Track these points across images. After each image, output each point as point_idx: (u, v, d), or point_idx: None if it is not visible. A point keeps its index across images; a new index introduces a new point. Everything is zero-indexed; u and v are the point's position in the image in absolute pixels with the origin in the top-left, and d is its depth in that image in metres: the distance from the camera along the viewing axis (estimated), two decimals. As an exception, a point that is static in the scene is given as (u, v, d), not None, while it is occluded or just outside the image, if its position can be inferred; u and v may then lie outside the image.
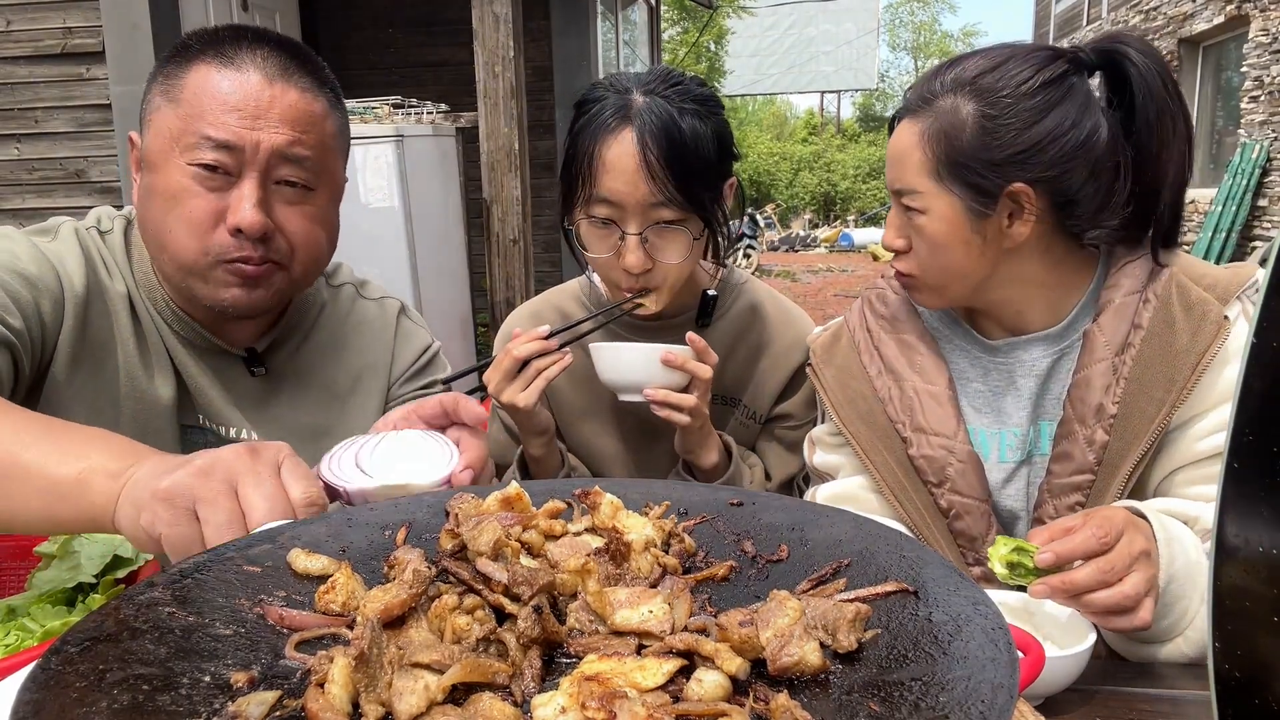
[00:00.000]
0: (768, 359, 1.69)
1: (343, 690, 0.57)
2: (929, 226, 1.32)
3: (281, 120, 1.26)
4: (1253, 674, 0.64)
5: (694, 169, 1.45)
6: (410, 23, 7.76)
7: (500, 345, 1.71)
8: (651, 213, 1.46)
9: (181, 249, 1.26)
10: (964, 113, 1.28)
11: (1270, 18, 10.27)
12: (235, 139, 1.23)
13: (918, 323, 1.48)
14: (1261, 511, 0.62)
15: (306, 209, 1.32)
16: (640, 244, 1.47)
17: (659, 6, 12.65)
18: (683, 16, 28.42)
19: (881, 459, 1.43)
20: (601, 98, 1.50)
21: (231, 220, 1.24)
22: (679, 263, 1.50)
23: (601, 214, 1.48)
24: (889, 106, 42.86)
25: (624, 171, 1.44)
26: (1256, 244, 10.31)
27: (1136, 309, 1.32)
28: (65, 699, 0.54)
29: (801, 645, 0.59)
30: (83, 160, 5.22)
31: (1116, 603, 1.05)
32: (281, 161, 1.26)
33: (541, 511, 0.83)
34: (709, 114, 1.50)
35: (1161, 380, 1.27)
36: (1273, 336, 0.60)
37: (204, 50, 1.27)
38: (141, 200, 1.30)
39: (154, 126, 1.27)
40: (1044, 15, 20.47)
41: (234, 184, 1.25)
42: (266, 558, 0.76)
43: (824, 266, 17.20)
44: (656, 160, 1.42)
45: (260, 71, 1.26)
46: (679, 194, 1.44)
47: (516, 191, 4.82)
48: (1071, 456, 1.32)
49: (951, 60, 1.36)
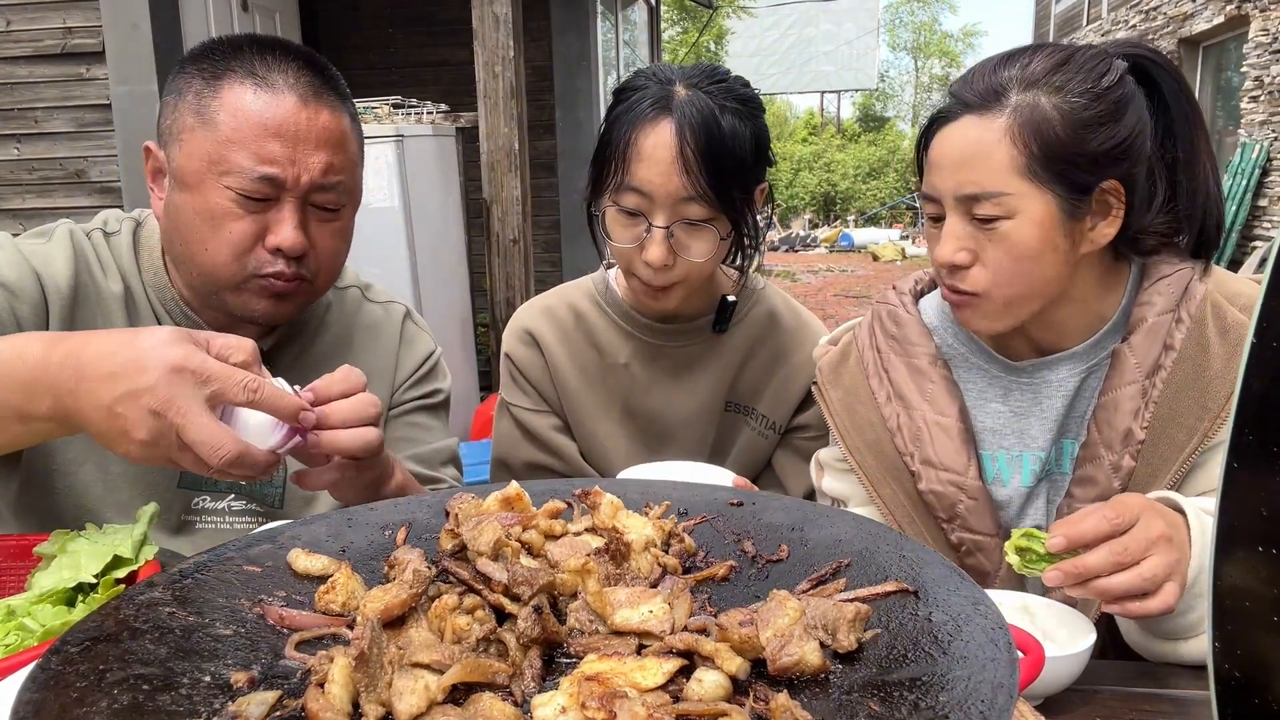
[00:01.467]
0: (786, 368, 1.66)
1: (343, 690, 0.57)
2: (1016, 232, 1.21)
3: (318, 144, 1.30)
4: (1253, 674, 0.64)
5: (729, 168, 1.43)
6: (410, 23, 7.75)
7: (509, 343, 1.71)
8: (681, 207, 1.44)
9: (219, 266, 1.30)
10: (1047, 107, 1.20)
11: (1270, 18, 10.27)
12: (279, 173, 1.27)
13: (929, 344, 1.40)
14: (1261, 511, 0.62)
15: (336, 225, 1.37)
16: (666, 238, 1.45)
17: (659, 6, 12.64)
18: (683, 16, 28.41)
19: (890, 491, 1.38)
20: (643, 86, 1.48)
21: (273, 241, 1.28)
22: (702, 262, 1.48)
23: (630, 203, 1.46)
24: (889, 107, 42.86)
25: (658, 162, 1.42)
26: (1256, 244, 10.31)
27: (1169, 329, 1.26)
28: (65, 699, 0.54)
29: (801, 645, 0.59)
30: (83, 160, 5.22)
31: (1133, 585, 1.00)
32: (318, 188, 1.31)
33: (541, 511, 0.83)
34: (750, 115, 1.48)
35: (1194, 408, 1.22)
36: (1273, 336, 0.60)
37: (233, 66, 1.29)
38: (171, 216, 1.32)
39: (187, 146, 1.29)
40: (1044, 15, 20.46)
41: (272, 206, 1.29)
42: (266, 558, 0.76)
43: (824, 266, 17.20)
44: (693, 154, 1.40)
45: (294, 93, 1.29)
46: (711, 191, 1.42)
47: (516, 191, 4.82)
48: (1095, 481, 1.28)
49: (1002, 59, 1.27)
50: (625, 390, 1.65)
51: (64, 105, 5.18)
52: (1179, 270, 1.30)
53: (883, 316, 1.47)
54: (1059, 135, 1.19)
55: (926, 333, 1.42)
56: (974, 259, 1.25)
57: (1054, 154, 1.19)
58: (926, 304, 1.49)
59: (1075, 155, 1.20)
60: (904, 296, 1.47)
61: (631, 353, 1.66)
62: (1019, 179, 1.20)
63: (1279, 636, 0.62)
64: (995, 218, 1.22)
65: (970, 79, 1.27)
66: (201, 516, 1.44)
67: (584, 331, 1.67)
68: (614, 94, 1.54)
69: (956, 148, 1.24)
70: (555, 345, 1.67)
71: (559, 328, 1.67)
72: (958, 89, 1.27)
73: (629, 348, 1.66)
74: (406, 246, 4.99)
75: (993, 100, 1.22)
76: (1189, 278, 1.29)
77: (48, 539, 1.11)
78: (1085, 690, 1.03)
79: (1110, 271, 1.32)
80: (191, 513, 1.43)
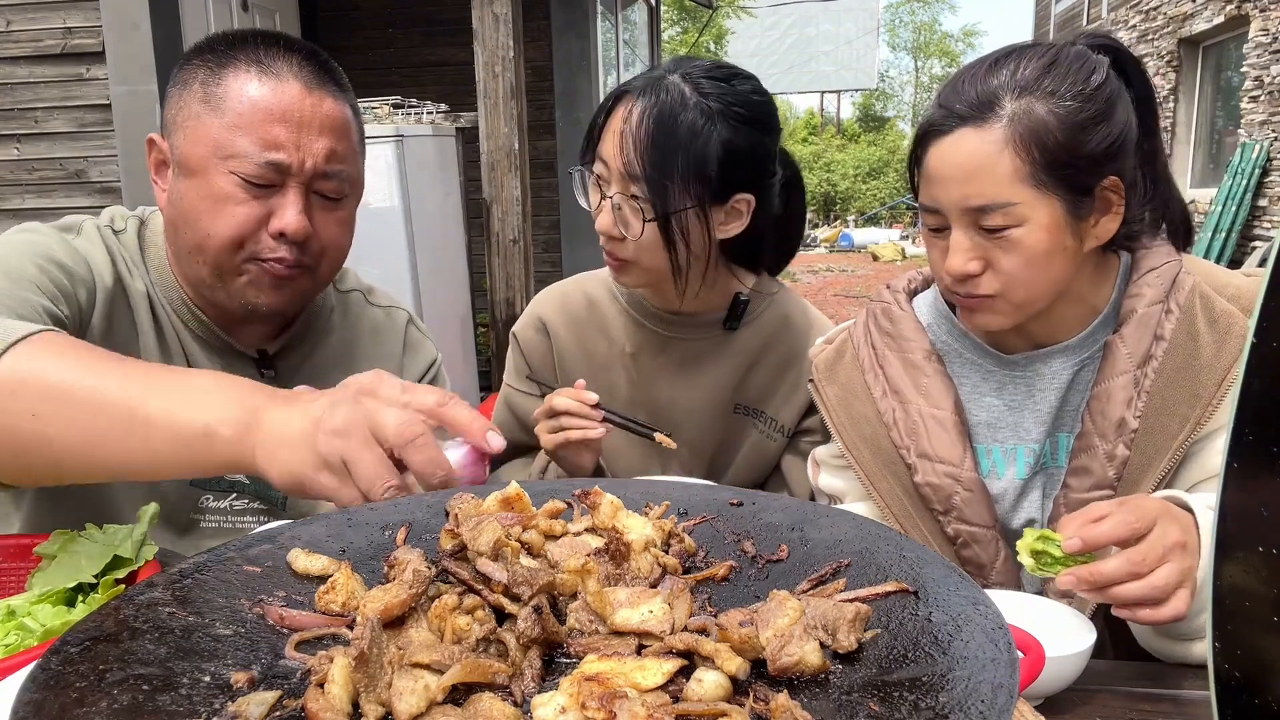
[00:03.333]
0: (796, 372, 1.66)
1: (343, 690, 0.57)
2: (1028, 239, 1.22)
3: (321, 130, 1.31)
4: (1253, 674, 0.64)
5: (668, 159, 1.44)
6: (410, 23, 7.75)
7: (524, 331, 1.72)
8: (628, 184, 1.47)
9: (220, 250, 1.29)
10: (1043, 113, 1.21)
11: (1270, 18, 10.26)
12: (284, 158, 1.27)
13: (924, 340, 1.42)
14: (1261, 511, 0.62)
15: (338, 214, 1.38)
16: (612, 209, 1.50)
17: (659, 6, 12.63)
18: (683, 16, 28.41)
19: (887, 485, 1.39)
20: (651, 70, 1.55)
21: (277, 225, 1.29)
22: (636, 241, 1.50)
23: (596, 170, 1.52)
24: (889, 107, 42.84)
25: (614, 133, 1.47)
26: (1256, 244, 10.30)
27: (1159, 320, 1.28)
28: (65, 699, 0.54)
29: (801, 645, 0.59)
30: (83, 160, 5.22)
31: (1146, 595, 1.01)
32: (322, 175, 1.32)
33: (541, 511, 0.83)
34: (734, 123, 1.47)
35: (1185, 396, 1.24)
36: (1273, 336, 0.60)
37: (238, 56, 1.30)
38: (175, 203, 1.32)
39: (191, 132, 1.29)
40: (1044, 15, 20.46)
41: (277, 191, 1.29)
42: (266, 558, 0.76)
43: (824, 266, 17.19)
44: (636, 131, 1.44)
45: (298, 80, 1.30)
46: (641, 172, 1.45)
47: (516, 191, 4.82)
48: (1090, 471, 1.29)
49: (987, 65, 1.27)
50: (631, 380, 1.66)
51: (64, 105, 5.18)
52: (1167, 262, 1.32)
53: (877, 314, 1.48)
54: (1058, 140, 1.20)
55: (921, 329, 1.44)
56: (984, 266, 1.25)
57: (1055, 159, 1.20)
58: (920, 302, 1.50)
59: (1075, 158, 1.20)
60: (898, 294, 1.49)
61: (640, 343, 1.67)
62: (1024, 187, 1.20)
63: (1279, 636, 0.62)
64: (1004, 227, 1.22)
65: (959, 88, 1.26)
66: (206, 515, 1.44)
67: (595, 319, 1.69)
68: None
69: (957, 161, 1.23)
70: (565, 333, 1.69)
71: (571, 315, 1.70)
72: (947, 99, 1.26)
73: (638, 337, 1.67)
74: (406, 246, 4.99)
75: (986, 110, 1.22)
76: (1177, 269, 1.32)
77: (48, 539, 1.11)
78: (1085, 690, 1.04)
79: (1101, 264, 1.34)
80: (198, 511, 1.44)
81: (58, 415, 0.95)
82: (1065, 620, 1.10)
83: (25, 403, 0.95)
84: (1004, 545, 1.35)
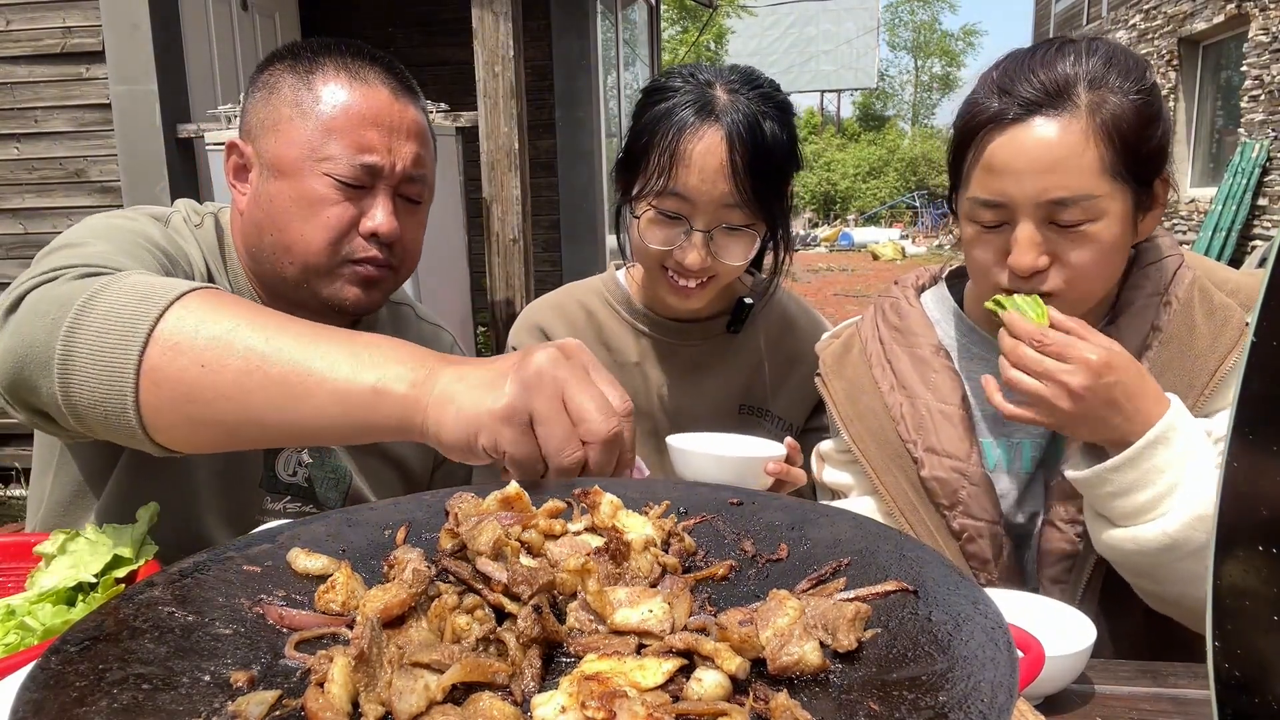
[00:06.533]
0: (801, 370, 1.66)
1: (342, 690, 0.57)
2: (1105, 233, 1.19)
3: (408, 135, 1.36)
4: (1253, 674, 0.64)
5: (771, 175, 1.45)
6: (410, 23, 7.75)
7: (518, 337, 1.71)
8: (723, 213, 1.45)
9: (314, 251, 1.32)
10: (1117, 104, 1.18)
11: (1270, 17, 10.26)
12: (378, 160, 1.32)
13: (932, 335, 1.43)
14: (1261, 511, 0.62)
15: (418, 216, 1.43)
16: (705, 242, 1.46)
17: (659, 6, 12.63)
18: (683, 16, 28.40)
19: (893, 479, 1.39)
20: (678, 88, 1.48)
21: (369, 226, 1.33)
22: (737, 265, 1.49)
23: (672, 207, 1.46)
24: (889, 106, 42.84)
25: (705, 169, 1.42)
26: (1256, 244, 10.30)
27: (1156, 311, 1.29)
28: (65, 698, 0.54)
29: (801, 645, 0.59)
30: (82, 160, 5.21)
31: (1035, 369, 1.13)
32: (408, 178, 1.36)
33: (541, 511, 0.83)
34: (785, 121, 1.49)
35: (1181, 385, 1.25)
36: (1273, 336, 0.60)
37: (324, 62, 1.34)
38: (264, 205, 1.34)
39: (284, 136, 1.32)
40: (1044, 15, 20.45)
41: (367, 193, 1.33)
42: (266, 557, 0.76)
43: (824, 266, 17.20)
44: (741, 162, 1.41)
45: (386, 86, 1.35)
46: (755, 197, 1.43)
47: (516, 191, 4.82)
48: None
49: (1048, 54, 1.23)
50: (636, 390, 1.66)
51: (64, 105, 5.18)
52: (1169, 256, 1.33)
53: (885, 309, 1.49)
54: (1134, 132, 1.19)
55: (929, 324, 1.44)
56: (1052, 261, 1.23)
57: (1130, 151, 1.19)
58: (928, 298, 1.51)
59: (1143, 151, 1.20)
60: (907, 290, 1.50)
61: (643, 352, 1.66)
62: (1105, 179, 1.18)
63: (1279, 636, 0.62)
64: (1081, 221, 1.19)
65: (1026, 76, 1.21)
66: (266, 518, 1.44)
67: (594, 330, 1.68)
68: (644, 93, 1.54)
69: (1036, 151, 1.18)
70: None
71: (570, 325, 1.68)
72: (1011, 87, 1.21)
73: (640, 347, 1.66)
74: (406, 246, 4.98)
75: (1063, 99, 1.18)
76: (1178, 263, 1.33)
77: (47, 539, 1.11)
78: (1085, 690, 1.04)
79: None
80: (262, 512, 1.44)
81: (225, 367, 0.92)
82: (1065, 620, 1.10)
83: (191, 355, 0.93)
84: (1008, 540, 1.36)
